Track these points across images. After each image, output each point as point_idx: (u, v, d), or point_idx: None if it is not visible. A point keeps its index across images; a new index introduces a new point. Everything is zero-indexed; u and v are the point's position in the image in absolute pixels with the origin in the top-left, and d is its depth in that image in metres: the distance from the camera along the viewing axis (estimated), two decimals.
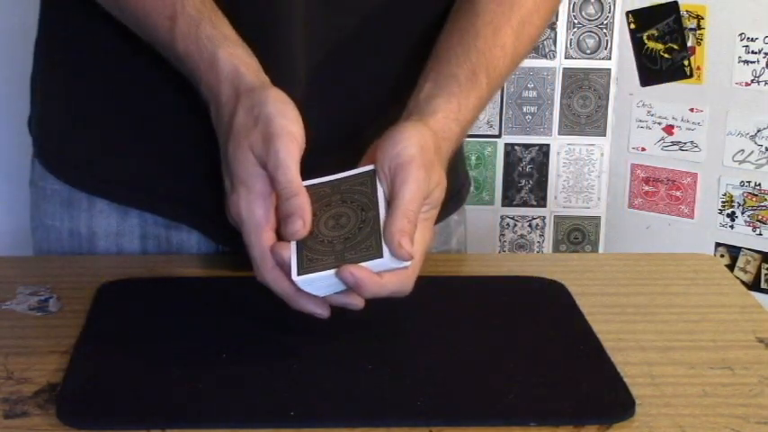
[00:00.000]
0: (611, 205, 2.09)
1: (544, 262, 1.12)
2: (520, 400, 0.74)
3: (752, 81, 1.91)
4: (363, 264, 0.76)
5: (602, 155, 2.08)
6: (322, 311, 0.79)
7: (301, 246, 0.78)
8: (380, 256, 0.76)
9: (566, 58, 2.03)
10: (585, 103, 2.05)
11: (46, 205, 1.05)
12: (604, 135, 2.07)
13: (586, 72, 2.04)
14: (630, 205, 2.08)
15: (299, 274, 0.76)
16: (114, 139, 1.00)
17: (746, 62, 1.90)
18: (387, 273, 0.77)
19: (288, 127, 0.79)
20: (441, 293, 0.92)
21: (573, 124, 2.07)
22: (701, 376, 0.79)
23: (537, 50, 2.03)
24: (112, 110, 1.00)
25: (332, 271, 0.76)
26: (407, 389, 0.75)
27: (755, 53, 1.89)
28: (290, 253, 0.77)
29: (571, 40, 2.02)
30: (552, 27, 2.02)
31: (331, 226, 0.79)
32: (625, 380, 0.77)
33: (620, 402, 0.74)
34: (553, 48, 2.03)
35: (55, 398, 0.74)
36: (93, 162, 1.02)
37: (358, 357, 0.79)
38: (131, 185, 1.01)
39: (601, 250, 2.11)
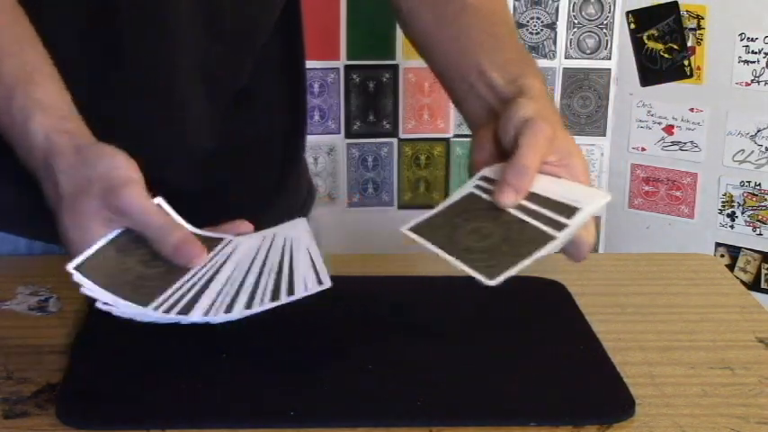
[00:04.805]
0: (611, 205, 2.09)
1: (544, 262, 1.12)
2: (520, 400, 0.74)
3: (752, 81, 1.90)
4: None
5: (602, 155, 2.08)
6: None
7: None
8: (554, 238, 0.77)
9: (566, 58, 2.03)
10: (585, 103, 2.05)
11: None
12: (604, 135, 2.07)
13: (586, 72, 2.04)
14: (630, 205, 2.08)
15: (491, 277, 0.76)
16: None
17: (746, 62, 1.90)
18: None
19: (127, 175, 0.77)
20: (441, 293, 0.92)
21: (573, 124, 2.07)
22: (701, 376, 0.79)
23: (537, 50, 2.03)
24: None
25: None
26: (407, 389, 0.75)
27: (755, 53, 1.89)
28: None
29: (571, 40, 2.02)
30: (552, 27, 2.02)
31: (476, 239, 0.79)
32: (625, 380, 0.77)
33: (620, 402, 0.74)
34: (553, 48, 2.03)
35: (54, 398, 0.74)
36: None
37: (358, 357, 0.79)
38: None
39: (601, 250, 2.11)
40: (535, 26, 2.02)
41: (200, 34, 0.98)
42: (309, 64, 1.19)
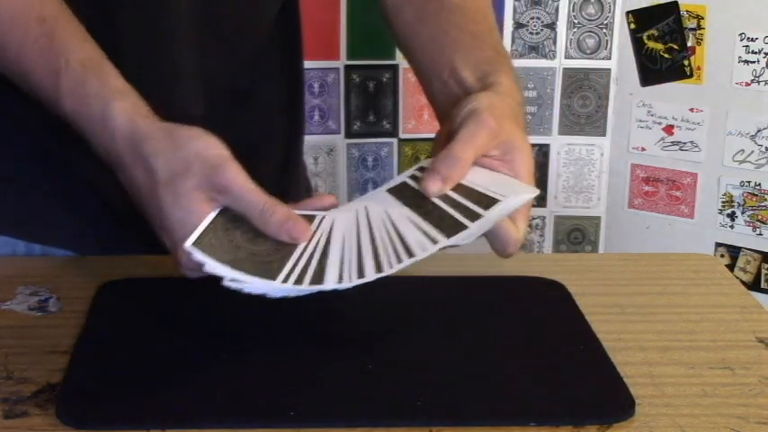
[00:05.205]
0: (611, 205, 2.09)
1: (544, 262, 1.12)
2: (520, 400, 0.74)
3: (752, 81, 1.91)
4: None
5: (602, 155, 2.08)
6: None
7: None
8: (467, 227, 0.77)
9: (566, 58, 2.04)
10: (585, 103, 2.05)
11: None
12: (604, 135, 2.07)
13: (586, 72, 2.04)
14: (630, 205, 2.08)
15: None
16: None
17: (746, 62, 1.90)
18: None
19: (223, 154, 0.78)
20: (441, 293, 0.92)
21: (573, 124, 2.07)
22: (701, 376, 0.79)
23: (537, 50, 2.03)
24: None
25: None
26: (407, 389, 0.75)
27: (755, 53, 1.89)
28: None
29: (571, 40, 2.02)
30: (552, 27, 2.02)
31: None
32: (625, 380, 0.77)
33: (620, 402, 0.74)
34: (553, 48, 2.03)
35: (55, 398, 0.74)
36: None
37: (358, 357, 0.79)
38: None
39: (601, 250, 2.11)
40: (535, 26, 2.02)
41: (200, 36, 0.98)
42: (309, 64, 1.19)
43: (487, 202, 0.78)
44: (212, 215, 0.77)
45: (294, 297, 0.76)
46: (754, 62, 1.90)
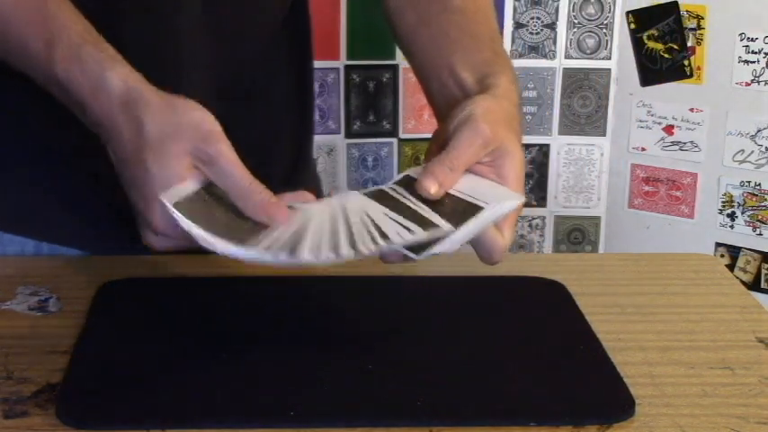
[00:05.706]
0: (611, 205, 2.09)
1: (544, 262, 1.12)
2: (520, 400, 0.74)
3: (752, 81, 1.91)
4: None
5: (602, 155, 2.08)
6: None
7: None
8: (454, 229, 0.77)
9: (566, 58, 2.04)
10: (585, 103, 2.05)
11: None
12: (604, 135, 2.07)
13: (586, 72, 2.04)
14: (630, 205, 2.08)
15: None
16: None
17: (746, 62, 1.90)
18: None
19: (217, 129, 0.77)
20: (441, 293, 0.92)
21: (573, 124, 2.07)
22: (701, 376, 0.79)
23: (537, 50, 2.03)
24: None
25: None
26: (407, 389, 0.75)
27: (755, 53, 1.89)
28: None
29: (571, 40, 2.03)
30: (552, 27, 2.02)
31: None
32: (625, 380, 0.77)
33: (620, 402, 0.74)
34: (553, 48, 2.03)
35: (55, 398, 0.74)
36: None
37: (358, 357, 0.79)
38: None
39: (601, 250, 2.11)
40: (535, 26, 2.02)
41: (206, 35, 0.98)
42: None
43: (470, 210, 0.78)
44: (194, 185, 0.77)
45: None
46: (754, 62, 1.90)
